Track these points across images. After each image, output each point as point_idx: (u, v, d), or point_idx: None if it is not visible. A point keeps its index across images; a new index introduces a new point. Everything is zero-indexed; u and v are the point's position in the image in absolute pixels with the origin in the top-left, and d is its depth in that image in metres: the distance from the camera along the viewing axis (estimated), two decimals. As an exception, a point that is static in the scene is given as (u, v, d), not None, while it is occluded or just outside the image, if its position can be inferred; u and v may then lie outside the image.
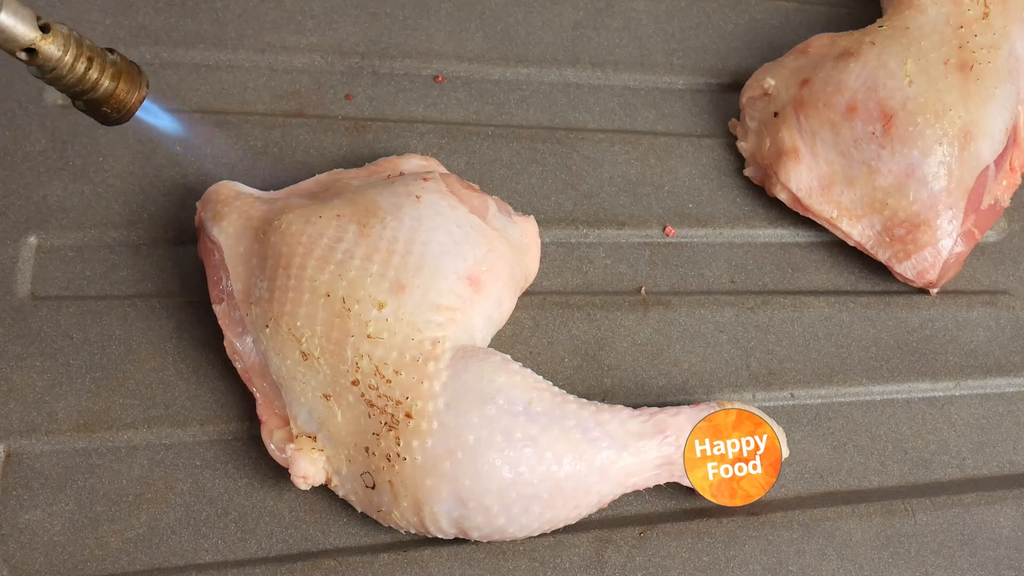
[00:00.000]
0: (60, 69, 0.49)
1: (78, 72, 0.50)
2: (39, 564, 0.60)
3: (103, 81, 0.52)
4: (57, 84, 0.50)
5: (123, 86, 0.53)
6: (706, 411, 0.62)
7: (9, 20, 0.47)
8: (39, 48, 0.48)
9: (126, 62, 0.53)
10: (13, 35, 0.47)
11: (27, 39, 0.47)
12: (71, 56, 0.50)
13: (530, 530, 0.59)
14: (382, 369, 0.57)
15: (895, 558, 0.65)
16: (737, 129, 0.78)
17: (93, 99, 0.52)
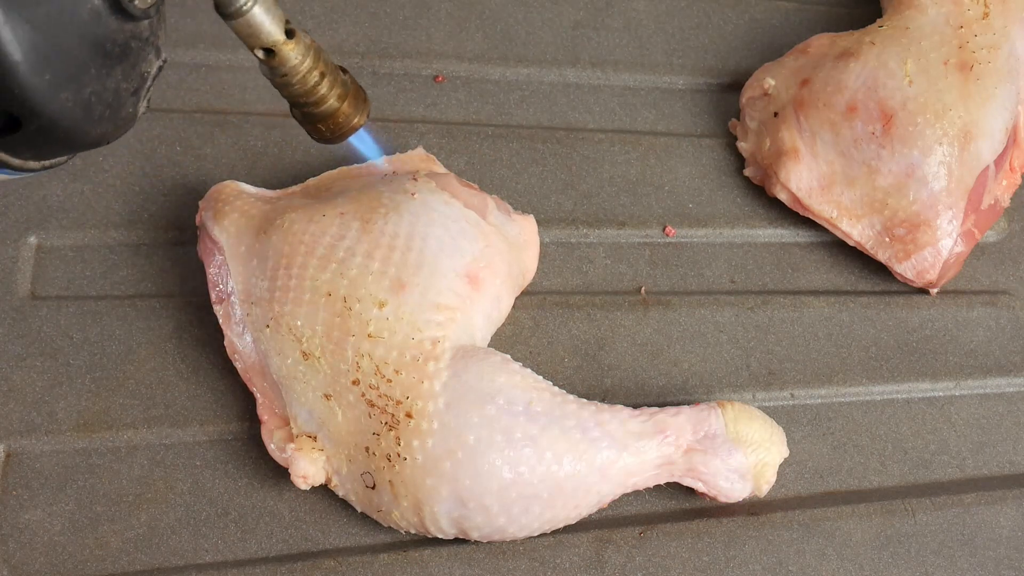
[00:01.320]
0: (292, 76, 0.49)
1: (309, 84, 0.50)
2: (39, 564, 0.60)
3: (329, 98, 0.51)
4: (284, 90, 0.50)
5: (346, 108, 0.52)
6: (706, 411, 0.62)
7: (261, 16, 0.46)
8: (279, 51, 0.48)
9: (355, 85, 0.52)
10: (259, 32, 0.47)
11: (270, 39, 0.47)
12: (307, 66, 0.49)
13: (530, 530, 0.59)
14: (382, 369, 0.57)
15: (895, 558, 0.65)
16: (737, 129, 0.78)
17: (313, 113, 0.51)
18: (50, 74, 0.42)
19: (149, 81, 0.49)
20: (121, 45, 0.45)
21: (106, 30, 0.44)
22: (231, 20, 0.46)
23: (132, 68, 0.47)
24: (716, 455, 0.61)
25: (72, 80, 0.43)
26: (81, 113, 0.44)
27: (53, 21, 0.42)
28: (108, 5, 0.44)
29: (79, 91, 0.44)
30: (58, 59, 0.42)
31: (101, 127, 0.46)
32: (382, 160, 0.69)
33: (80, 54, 0.43)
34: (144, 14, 0.45)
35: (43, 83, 0.42)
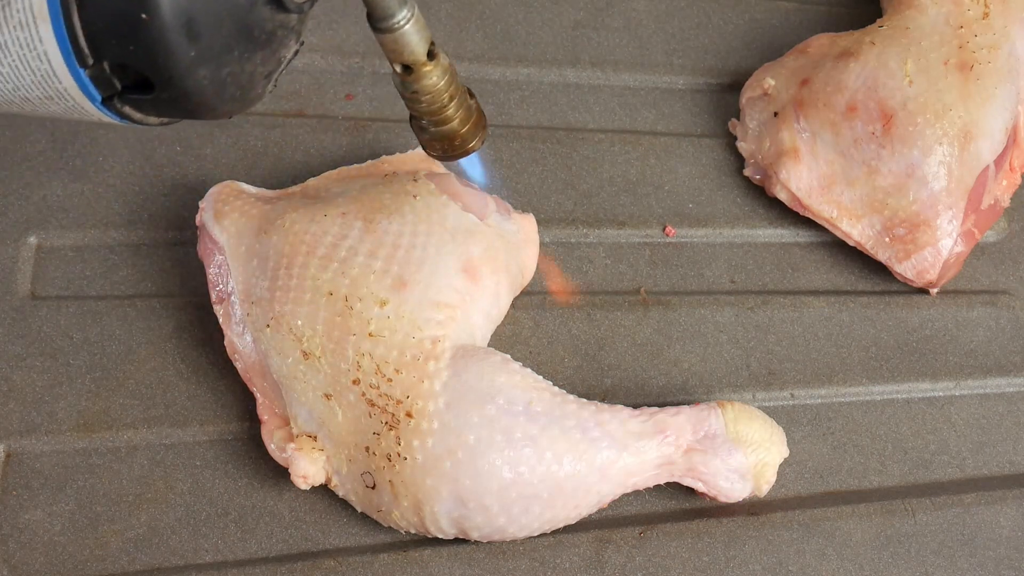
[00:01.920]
0: (424, 94, 0.49)
1: (437, 104, 0.50)
2: (39, 564, 0.60)
3: (453, 120, 0.51)
4: (412, 105, 0.50)
5: (466, 132, 0.52)
6: (706, 411, 0.62)
7: (411, 35, 0.47)
8: (418, 70, 0.48)
9: (479, 110, 0.53)
10: (405, 49, 0.47)
11: (413, 58, 0.47)
12: (440, 88, 0.49)
13: (530, 530, 0.59)
14: (383, 368, 0.57)
15: (895, 558, 0.65)
16: (737, 129, 0.78)
17: (433, 131, 0.51)
18: (195, 51, 0.42)
19: (284, 65, 0.49)
20: (268, 32, 0.46)
21: (258, 17, 0.45)
22: (382, 34, 0.46)
23: (272, 54, 0.47)
24: (716, 455, 0.61)
25: (214, 59, 0.44)
26: (214, 90, 0.45)
27: (211, 1, 0.42)
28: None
29: (218, 70, 0.44)
30: (207, 37, 0.43)
31: (229, 105, 0.47)
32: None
33: (228, 36, 0.44)
34: (299, 8, 0.46)
35: (187, 57, 0.42)
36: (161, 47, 0.42)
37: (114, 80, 0.44)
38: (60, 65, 0.43)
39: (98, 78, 0.44)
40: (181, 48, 0.42)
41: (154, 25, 0.41)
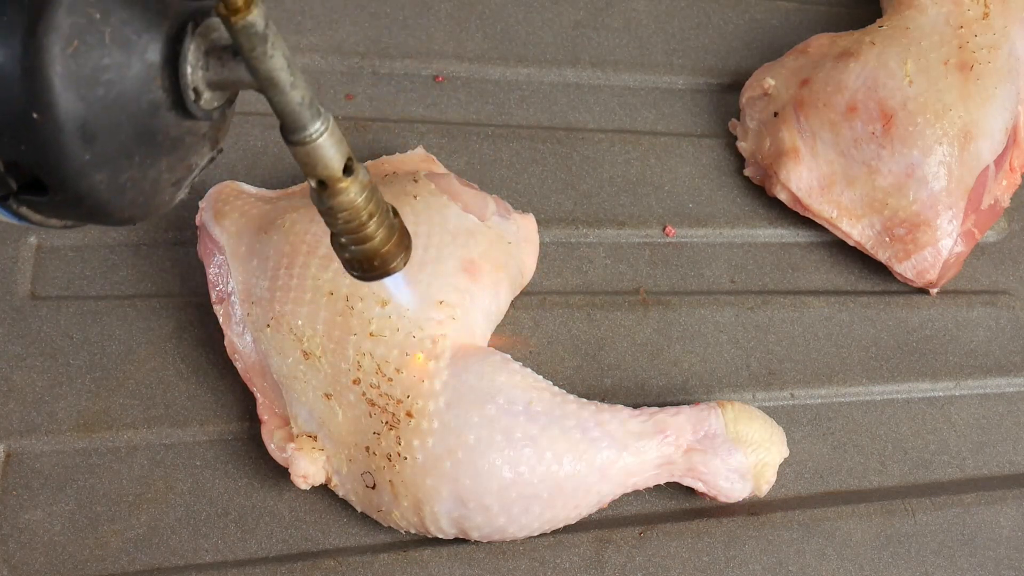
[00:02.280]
0: (340, 210, 0.46)
1: (358, 220, 0.47)
2: (39, 564, 0.60)
3: (374, 238, 0.48)
4: (328, 220, 0.47)
5: (387, 251, 0.49)
6: (706, 411, 0.62)
7: (324, 149, 0.43)
8: (333, 185, 0.45)
9: (402, 228, 0.50)
10: (319, 163, 0.44)
11: (327, 173, 0.44)
12: (359, 205, 0.46)
13: (530, 530, 0.59)
14: (383, 368, 0.57)
15: (895, 558, 0.65)
16: (737, 129, 0.78)
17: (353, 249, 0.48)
18: (90, 154, 0.41)
19: (196, 172, 0.47)
20: (174, 139, 0.44)
21: (162, 123, 0.43)
22: (294, 147, 0.44)
23: (179, 160, 0.45)
24: (716, 455, 0.61)
25: (111, 163, 0.42)
26: (112, 196, 0.43)
27: (109, 104, 0.40)
28: (171, 100, 0.42)
29: (116, 175, 0.42)
30: (103, 141, 0.41)
31: (129, 211, 0.44)
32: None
33: (128, 141, 0.42)
34: (207, 115, 0.44)
35: (80, 161, 0.41)
36: (53, 149, 0.40)
37: (8, 180, 0.42)
38: None
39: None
40: (74, 151, 0.40)
41: (45, 125, 0.39)
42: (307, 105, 0.42)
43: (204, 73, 0.43)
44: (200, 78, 0.43)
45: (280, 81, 0.41)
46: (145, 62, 0.41)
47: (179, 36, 0.42)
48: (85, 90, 0.40)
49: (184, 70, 0.42)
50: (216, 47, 0.43)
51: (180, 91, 0.42)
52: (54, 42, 0.39)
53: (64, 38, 0.39)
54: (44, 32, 0.39)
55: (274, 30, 0.40)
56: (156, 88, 0.42)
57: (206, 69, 0.43)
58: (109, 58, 0.40)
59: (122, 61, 0.41)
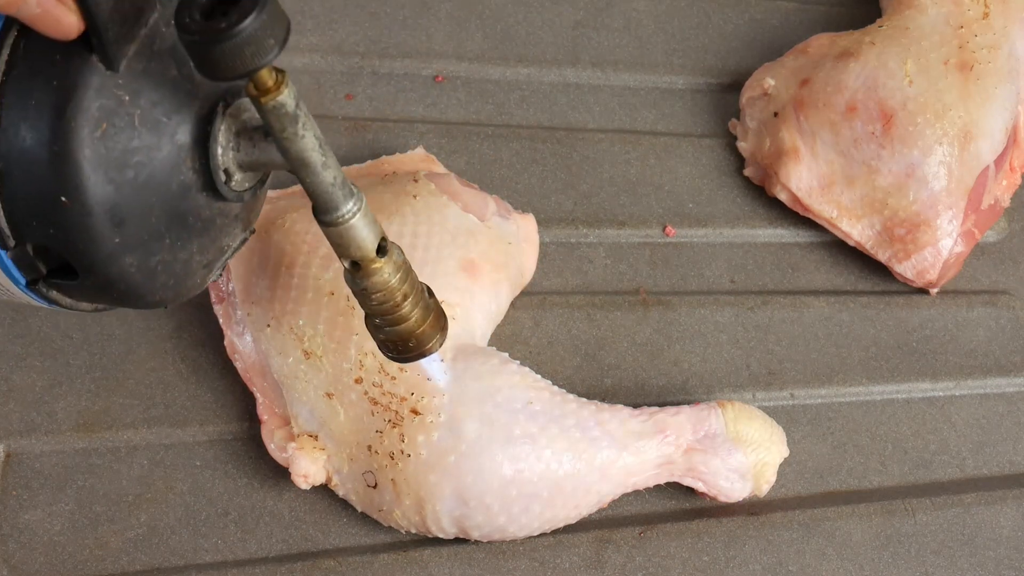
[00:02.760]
0: (374, 291, 0.45)
1: (392, 301, 0.46)
2: (39, 564, 0.60)
3: (408, 320, 0.47)
4: (363, 300, 0.46)
5: (423, 332, 0.48)
6: (706, 411, 0.62)
7: (358, 230, 0.43)
8: (367, 266, 0.44)
9: (438, 308, 0.49)
10: (352, 243, 0.43)
11: (360, 254, 0.44)
12: (393, 285, 0.46)
13: (530, 529, 0.59)
14: (386, 367, 0.57)
15: (895, 558, 0.65)
16: (737, 129, 0.78)
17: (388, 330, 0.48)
18: (120, 237, 0.40)
19: (228, 254, 0.47)
20: (205, 221, 0.43)
21: (193, 205, 0.42)
22: (327, 227, 0.43)
23: (211, 242, 0.45)
24: (716, 455, 0.61)
25: (142, 247, 0.41)
26: (143, 279, 0.42)
27: (139, 186, 0.40)
28: (202, 182, 0.42)
29: (146, 258, 0.42)
30: (133, 224, 0.40)
31: (160, 294, 0.44)
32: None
33: (158, 223, 0.41)
34: (238, 196, 0.43)
35: (111, 244, 0.40)
36: (82, 233, 0.39)
37: (38, 264, 0.42)
38: None
39: (20, 261, 0.41)
40: (104, 234, 0.40)
41: (74, 209, 0.39)
42: (339, 185, 0.42)
43: (235, 154, 0.42)
44: (231, 159, 0.42)
45: (312, 161, 0.40)
46: (175, 144, 0.41)
47: (209, 117, 0.42)
48: (114, 173, 0.39)
49: (215, 151, 0.42)
50: (247, 128, 0.42)
51: (211, 172, 0.42)
52: (83, 125, 0.38)
53: (93, 121, 0.38)
54: (73, 115, 0.38)
55: (305, 110, 0.39)
56: (186, 170, 0.41)
57: (237, 150, 0.42)
58: (139, 140, 0.40)
59: (152, 143, 0.40)
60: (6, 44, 0.39)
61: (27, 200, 0.39)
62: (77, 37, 0.38)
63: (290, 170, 0.41)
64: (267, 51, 0.37)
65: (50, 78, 0.38)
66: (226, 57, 0.37)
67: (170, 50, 0.41)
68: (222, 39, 0.36)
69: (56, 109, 0.38)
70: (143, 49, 0.40)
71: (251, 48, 0.36)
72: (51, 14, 0.37)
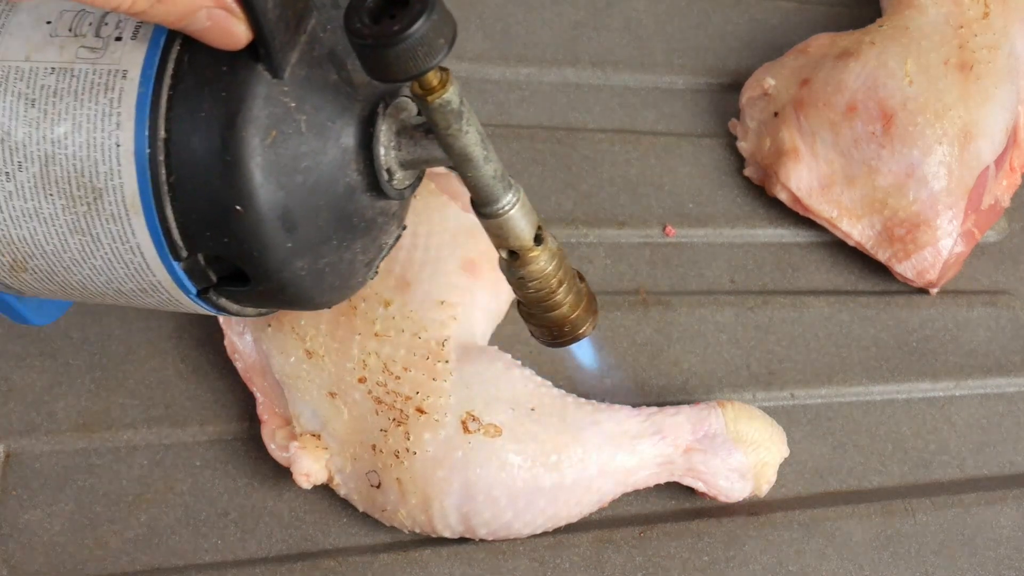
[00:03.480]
0: (530, 279, 0.45)
1: (548, 288, 0.46)
2: (39, 564, 0.60)
3: (562, 305, 0.47)
4: (519, 290, 0.47)
5: (576, 317, 0.48)
6: (706, 411, 0.62)
7: (516, 220, 0.43)
8: (524, 255, 0.44)
9: (590, 294, 0.49)
10: (511, 234, 0.43)
11: (518, 243, 0.44)
12: (548, 273, 0.46)
13: (534, 527, 0.59)
14: (390, 366, 0.57)
15: (895, 558, 0.65)
16: (737, 129, 0.78)
17: (542, 316, 0.48)
18: (292, 242, 0.41)
19: (385, 251, 0.48)
20: (368, 220, 0.44)
21: (357, 205, 0.43)
22: (486, 219, 0.43)
23: (373, 241, 0.46)
24: (716, 454, 0.61)
25: (312, 250, 0.42)
26: (312, 282, 0.43)
27: (308, 191, 0.41)
28: (366, 182, 0.43)
29: (316, 261, 0.42)
30: (304, 228, 0.41)
31: (328, 295, 0.45)
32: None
33: (326, 226, 0.42)
34: (399, 194, 0.44)
35: (283, 250, 0.41)
36: (256, 239, 0.40)
37: (209, 272, 0.43)
38: (153, 258, 0.42)
39: (193, 271, 0.42)
40: (277, 240, 0.40)
41: (248, 217, 0.39)
42: (500, 178, 0.42)
43: (397, 153, 0.43)
44: (393, 158, 0.43)
45: (475, 156, 0.41)
46: (340, 147, 0.41)
47: (371, 118, 0.42)
48: (285, 179, 0.40)
49: (378, 151, 0.42)
50: (407, 126, 0.43)
51: (375, 172, 0.42)
52: (253, 134, 0.39)
53: (263, 129, 0.39)
54: (243, 125, 0.39)
55: (468, 106, 0.40)
56: (352, 172, 0.42)
57: (398, 149, 0.43)
58: (306, 146, 0.40)
59: (318, 148, 0.41)
60: (171, 58, 0.40)
61: (200, 211, 0.40)
62: (242, 48, 0.39)
63: (451, 166, 0.42)
64: (438, 51, 0.37)
65: (218, 89, 0.39)
66: (399, 60, 0.37)
67: (329, 55, 0.41)
68: (395, 42, 0.36)
69: (227, 119, 0.39)
70: (304, 56, 0.40)
71: (423, 50, 0.37)
72: (221, 25, 0.38)
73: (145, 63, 0.40)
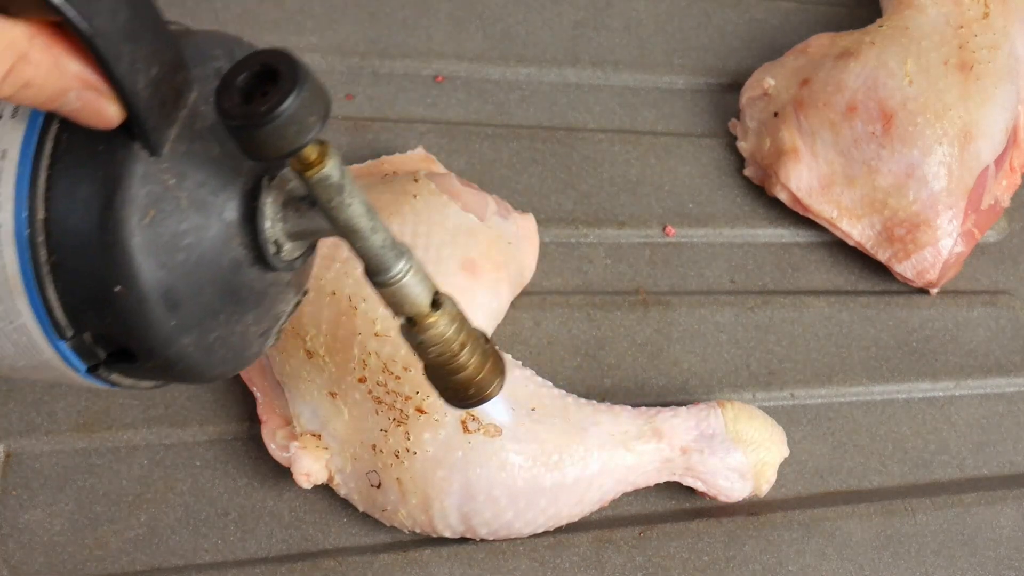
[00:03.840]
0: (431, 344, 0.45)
1: (449, 352, 0.46)
2: (39, 564, 0.60)
3: (467, 367, 0.47)
4: (420, 354, 0.46)
5: (484, 378, 0.47)
6: (705, 411, 0.62)
7: (410, 288, 0.43)
8: (421, 322, 0.44)
9: (495, 354, 0.49)
10: (405, 301, 0.43)
11: (415, 310, 0.43)
12: (449, 336, 0.45)
13: (535, 526, 0.59)
14: (391, 366, 0.57)
15: (895, 558, 0.65)
16: (737, 129, 0.78)
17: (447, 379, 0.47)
18: (177, 319, 0.40)
19: (283, 319, 0.47)
20: (259, 292, 0.43)
21: (245, 279, 0.42)
22: (379, 288, 0.43)
23: (266, 312, 0.45)
24: (715, 454, 0.61)
25: (198, 326, 0.41)
26: (201, 357, 0.42)
27: (191, 268, 0.40)
28: (252, 256, 0.42)
29: (204, 336, 0.42)
30: (188, 305, 0.40)
31: (220, 368, 0.44)
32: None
33: (212, 302, 0.41)
34: (289, 266, 0.44)
35: (167, 328, 0.40)
36: (138, 318, 0.39)
37: (97, 350, 0.42)
38: (40, 338, 0.41)
39: (79, 349, 0.42)
40: (160, 318, 0.40)
41: (129, 297, 0.39)
42: (389, 247, 0.42)
43: (283, 225, 0.42)
44: (280, 230, 0.42)
45: (361, 228, 0.40)
46: (223, 222, 0.41)
47: (255, 191, 0.42)
48: (166, 257, 0.39)
49: (263, 225, 0.42)
50: (294, 198, 0.42)
51: (260, 246, 0.42)
52: (131, 214, 0.38)
53: (141, 209, 0.38)
54: (120, 205, 0.38)
55: (350, 178, 0.39)
56: (236, 246, 0.41)
57: (285, 221, 0.42)
58: (187, 223, 0.40)
59: (200, 224, 0.40)
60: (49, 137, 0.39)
61: (82, 291, 0.39)
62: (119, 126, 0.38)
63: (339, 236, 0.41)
64: (309, 129, 0.37)
65: (95, 169, 0.38)
66: (269, 139, 0.36)
67: (211, 128, 0.41)
68: (264, 123, 0.36)
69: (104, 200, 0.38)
70: (184, 130, 0.40)
71: (294, 128, 0.36)
72: (91, 107, 0.37)
73: (24, 142, 0.39)
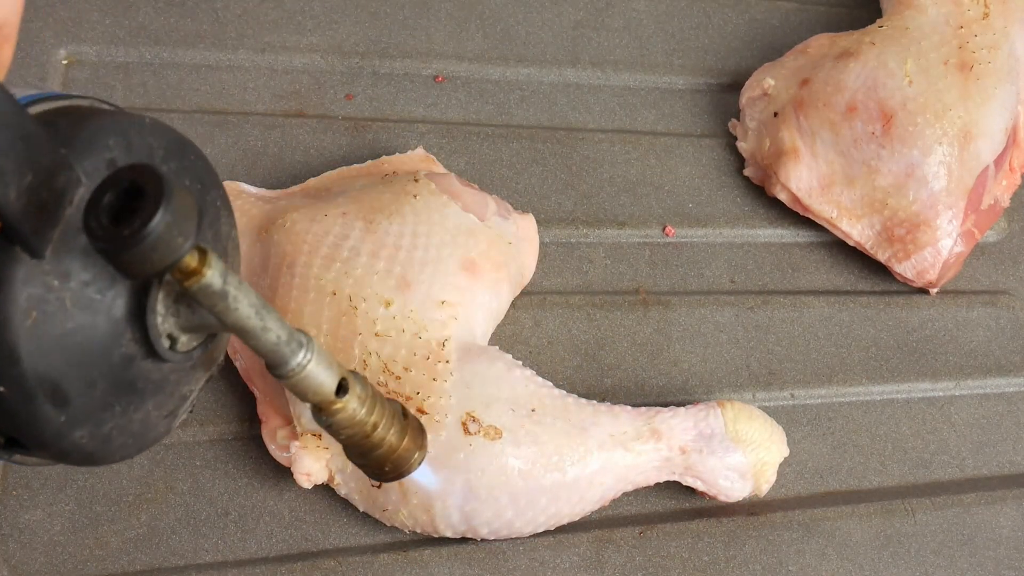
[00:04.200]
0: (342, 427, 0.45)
1: (362, 433, 0.45)
2: (39, 564, 0.60)
3: (382, 446, 0.46)
4: (334, 434, 0.45)
5: (400, 454, 0.47)
6: (705, 411, 0.62)
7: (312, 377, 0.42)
8: (327, 408, 0.44)
9: (415, 427, 0.48)
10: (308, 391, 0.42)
11: (319, 398, 0.43)
12: (360, 417, 0.45)
13: (535, 525, 0.59)
14: (391, 366, 0.57)
15: (895, 558, 0.65)
16: (737, 129, 0.78)
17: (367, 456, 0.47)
18: (66, 416, 0.39)
19: (192, 398, 0.46)
20: (156, 382, 0.43)
21: (139, 372, 0.41)
22: (282, 380, 0.42)
23: (169, 397, 0.44)
24: (715, 454, 0.61)
25: (91, 419, 0.41)
26: (98, 446, 0.42)
27: (79, 366, 0.39)
28: (143, 350, 0.41)
29: (98, 428, 0.41)
30: (78, 402, 0.40)
31: (120, 454, 0.43)
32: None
33: (105, 395, 0.41)
34: (187, 357, 0.43)
35: (56, 424, 0.39)
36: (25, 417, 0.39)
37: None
38: None
39: None
40: (48, 416, 0.39)
41: (14, 397, 0.38)
42: (284, 342, 0.41)
43: (176, 320, 0.41)
44: (172, 324, 0.42)
45: (251, 328, 0.40)
46: (112, 319, 0.40)
47: (145, 287, 0.41)
48: (52, 357, 0.39)
49: (153, 321, 0.41)
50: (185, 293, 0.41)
51: (153, 341, 0.41)
52: (12, 315, 0.37)
53: (22, 312, 0.38)
54: (1, 308, 0.37)
55: (235, 282, 0.39)
56: (127, 341, 0.41)
57: (177, 316, 0.41)
58: (73, 322, 0.39)
59: (86, 322, 0.39)
60: None
61: None
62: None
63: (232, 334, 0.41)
64: (176, 249, 0.36)
65: None
66: (136, 261, 0.36)
67: None
68: (129, 245, 0.36)
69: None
70: (70, 229, 0.39)
71: (159, 251, 0.36)
72: None
73: None
